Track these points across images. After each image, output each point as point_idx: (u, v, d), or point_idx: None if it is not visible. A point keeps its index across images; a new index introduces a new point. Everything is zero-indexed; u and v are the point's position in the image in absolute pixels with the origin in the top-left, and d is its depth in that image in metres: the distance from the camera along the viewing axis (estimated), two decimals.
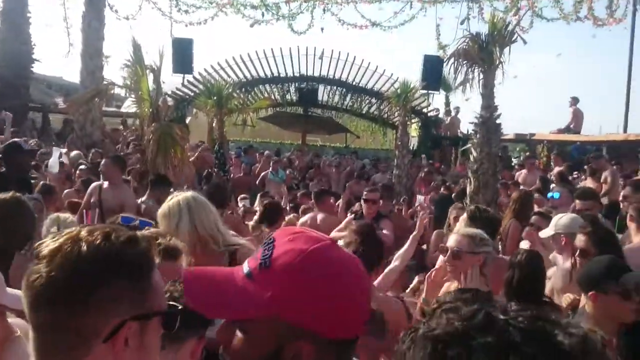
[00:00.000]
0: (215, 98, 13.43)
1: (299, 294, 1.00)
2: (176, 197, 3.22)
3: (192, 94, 17.43)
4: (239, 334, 1.06)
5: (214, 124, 14.15)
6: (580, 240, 3.68)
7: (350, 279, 1.06)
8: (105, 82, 10.71)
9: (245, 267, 1.07)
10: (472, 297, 0.78)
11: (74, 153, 10.33)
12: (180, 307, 1.21)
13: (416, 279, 4.26)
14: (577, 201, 5.32)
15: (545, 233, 4.54)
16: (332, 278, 1.03)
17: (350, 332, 1.05)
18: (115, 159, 6.79)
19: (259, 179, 12.60)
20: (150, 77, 8.13)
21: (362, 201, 6.61)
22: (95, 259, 1.05)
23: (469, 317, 0.72)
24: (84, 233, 1.08)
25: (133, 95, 8.74)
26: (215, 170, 12.57)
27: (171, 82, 18.31)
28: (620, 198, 5.80)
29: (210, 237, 3.12)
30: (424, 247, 6.72)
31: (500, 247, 5.53)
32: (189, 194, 3.33)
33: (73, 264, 1.04)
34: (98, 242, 1.06)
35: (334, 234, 6.17)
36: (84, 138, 12.43)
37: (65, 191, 7.11)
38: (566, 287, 3.87)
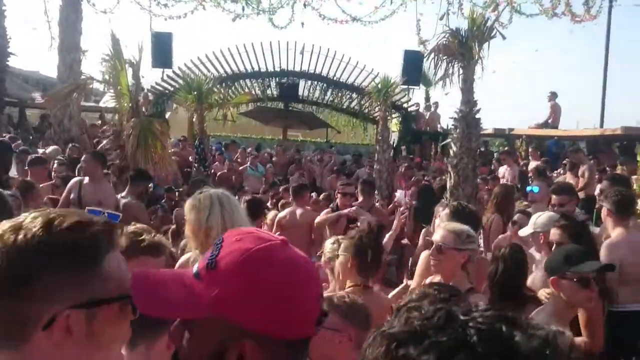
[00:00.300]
0: (195, 93, 13.34)
1: (241, 294, 0.99)
2: (207, 192, 3.17)
3: (172, 88, 17.29)
4: (186, 334, 1.05)
5: (194, 119, 14.06)
6: (555, 234, 3.76)
7: (298, 279, 1.04)
8: (83, 77, 10.60)
9: (195, 267, 1.06)
10: (438, 295, 0.77)
11: (51, 148, 10.20)
12: None
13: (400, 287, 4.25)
14: (553, 196, 5.40)
15: (524, 232, 4.62)
16: (277, 277, 1.01)
17: (297, 332, 1.03)
18: (95, 154, 6.70)
19: (239, 174, 12.61)
20: (130, 71, 8.05)
21: (337, 194, 6.66)
22: (31, 247, 1.03)
23: (429, 317, 0.71)
24: (27, 220, 1.07)
25: (112, 90, 8.65)
26: (196, 165, 12.51)
27: (150, 76, 18.19)
28: (597, 192, 5.90)
29: None
30: (404, 241, 6.77)
31: (482, 241, 5.59)
32: (220, 190, 3.30)
33: (8, 254, 1.03)
34: (36, 229, 1.05)
35: (321, 217, 6.23)
36: (62, 133, 12.27)
37: (40, 185, 7.01)
38: (545, 283, 3.94)
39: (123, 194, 6.33)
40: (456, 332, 0.67)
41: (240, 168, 13.00)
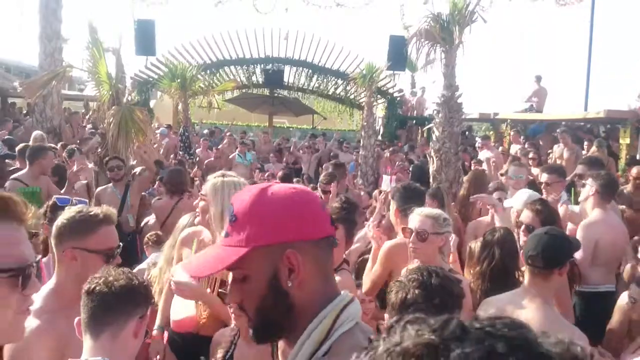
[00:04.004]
0: (179, 80, 13.27)
1: (265, 221, 1.24)
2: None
3: (156, 76, 17.17)
4: (240, 284, 1.27)
5: (179, 107, 14.00)
6: (527, 216, 3.80)
7: (300, 196, 1.29)
8: (63, 65, 10.48)
9: (223, 232, 1.32)
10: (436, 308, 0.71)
11: (35, 133, 10.01)
12: (33, 263, 1.27)
13: None
14: (543, 174, 5.45)
15: (507, 203, 4.68)
16: (286, 198, 1.26)
17: (318, 232, 1.28)
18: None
19: (228, 161, 12.55)
20: (113, 59, 7.97)
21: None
22: None
23: (441, 327, 0.65)
24: None
25: (92, 79, 8.56)
26: (181, 153, 12.47)
27: (134, 64, 18.05)
28: (574, 175, 5.94)
29: None
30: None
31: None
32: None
33: None
34: None
35: None
36: (44, 122, 12.15)
37: None
38: None
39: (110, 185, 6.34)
40: (478, 342, 0.62)
41: (230, 157, 12.95)
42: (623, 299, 3.47)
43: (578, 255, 4.00)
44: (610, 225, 4.47)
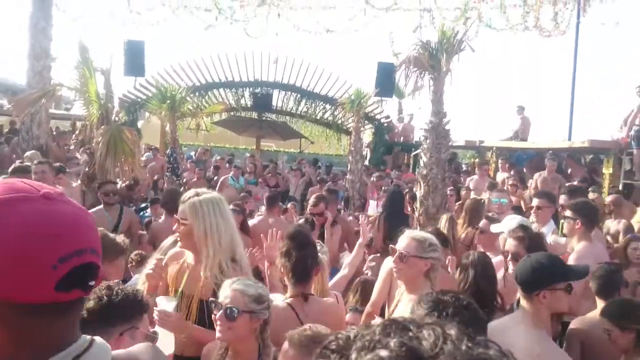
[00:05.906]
0: (168, 102, 13.28)
1: None
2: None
3: (144, 97, 17.17)
4: None
5: (167, 128, 13.98)
6: (510, 244, 3.83)
7: (29, 237, 0.93)
8: (52, 83, 10.46)
9: None
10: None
11: (29, 153, 9.90)
12: None
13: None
14: (535, 199, 5.51)
15: (496, 228, 4.72)
16: (2, 232, 0.93)
17: (24, 296, 0.93)
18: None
19: (219, 184, 12.47)
20: (102, 79, 7.99)
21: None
22: None
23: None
24: None
25: (81, 98, 8.56)
26: (168, 174, 12.42)
27: (123, 84, 18.06)
28: (558, 206, 6.00)
29: None
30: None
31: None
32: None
33: None
34: None
35: None
36: (31, 141, 12.07)
37: None
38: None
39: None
40: None
41: (222, 178, 12.88)
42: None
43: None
44: (597, 256, 4.42)
